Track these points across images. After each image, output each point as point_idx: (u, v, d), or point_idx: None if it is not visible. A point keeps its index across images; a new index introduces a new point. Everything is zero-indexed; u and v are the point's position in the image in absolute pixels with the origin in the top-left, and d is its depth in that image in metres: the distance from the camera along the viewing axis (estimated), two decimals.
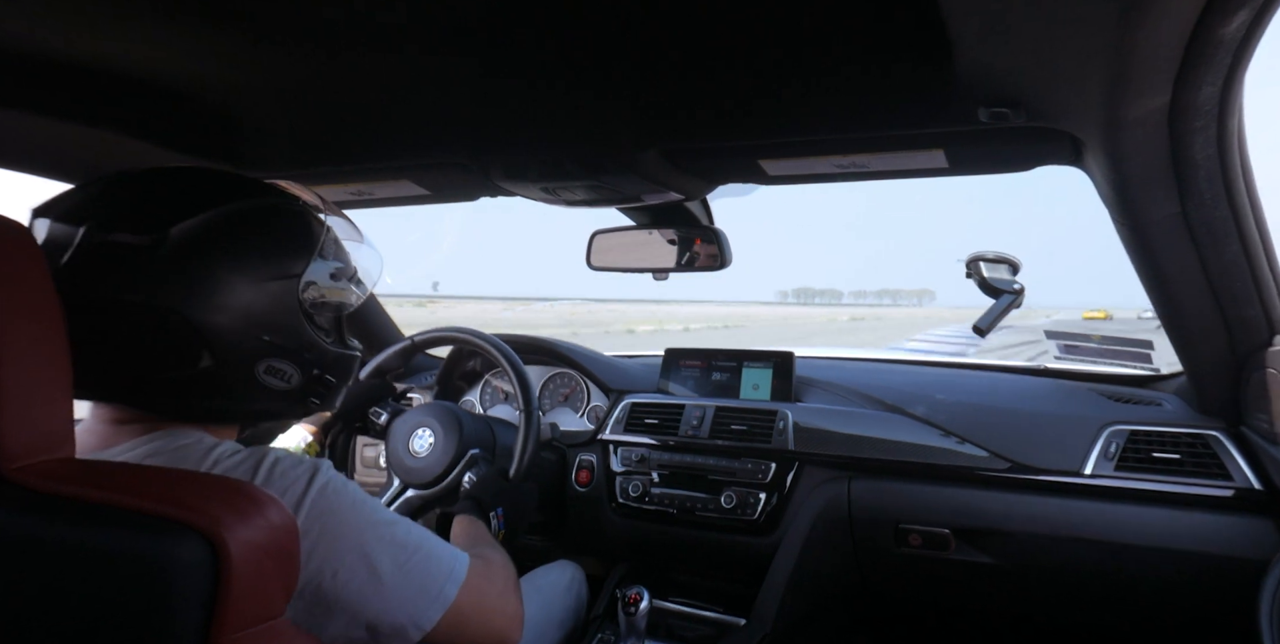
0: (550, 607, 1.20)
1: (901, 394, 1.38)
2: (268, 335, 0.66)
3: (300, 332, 0.69)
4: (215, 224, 0.63)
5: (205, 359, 0.63)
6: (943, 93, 0.76)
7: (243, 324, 0.64)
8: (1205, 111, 0.70)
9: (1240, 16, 0.55)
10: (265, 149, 1.06)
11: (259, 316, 0.65)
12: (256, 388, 0.67)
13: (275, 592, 0.55)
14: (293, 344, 0.68)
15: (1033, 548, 1.19)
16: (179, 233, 0.61)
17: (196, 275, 0.62)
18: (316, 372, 0.71)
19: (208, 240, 0.63)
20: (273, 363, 0.67)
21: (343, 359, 0.75)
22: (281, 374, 0.68)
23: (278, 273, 0.66)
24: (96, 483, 0.53)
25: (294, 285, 0.68)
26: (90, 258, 0.60)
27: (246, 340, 0.65)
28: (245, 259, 0.65)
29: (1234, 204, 0.85)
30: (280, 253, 0.67)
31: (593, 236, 1.40)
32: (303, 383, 0.70)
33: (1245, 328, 1.01)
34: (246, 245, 0.65)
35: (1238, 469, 1.09)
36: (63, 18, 0.66)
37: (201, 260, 0.62)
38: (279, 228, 0.68)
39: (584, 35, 0.68)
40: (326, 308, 0.73)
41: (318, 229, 0.71)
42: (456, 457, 1.21)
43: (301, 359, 0.69)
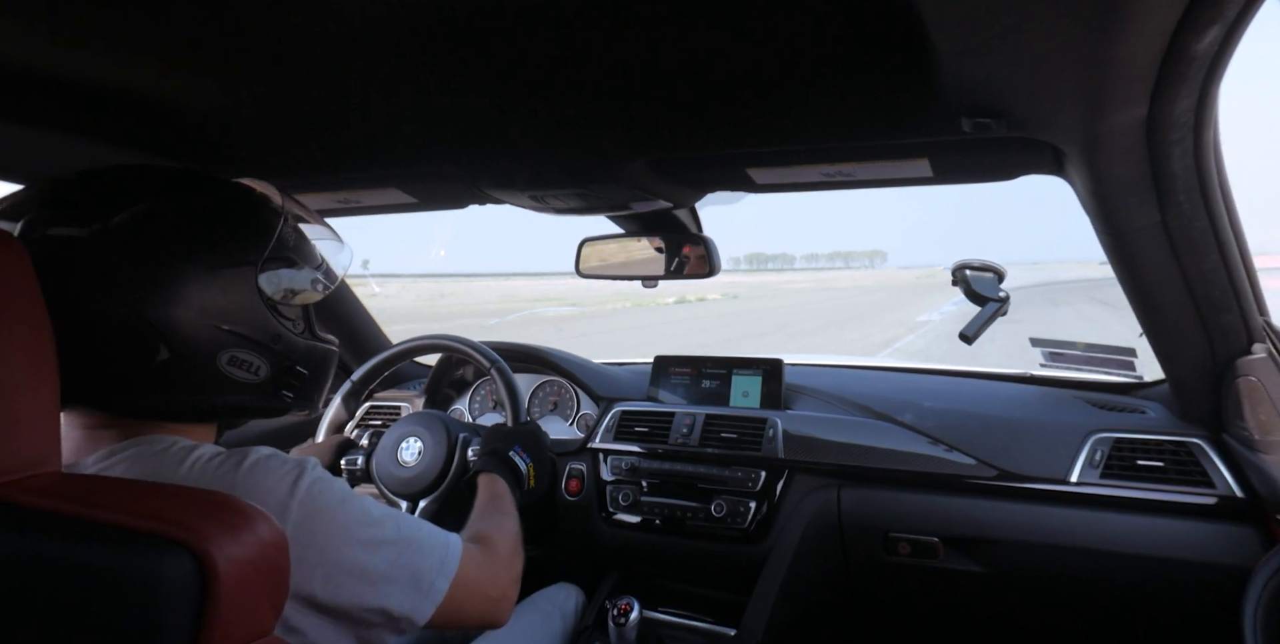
0: (545, 633, 1.18)
1: (890, 402, 1.39)
2: (226, 325, 0.64)
3: (263, 321, 0.67)
4: (158, 212, 0.62)
5: (162, 352, 0.61)
6: (926, 104, 0.77)
7: (196, 314, 0.63)
8: (1181, 125, 0.71)
9: (1212, 33, 0.56)
10: (252, 158, 1.06)
11: (214, 306, 0.64)
12: (222, 380, 0.65)
13: (264, 608, 0.54)
14: (256, 334, 0.67)
15: (1020, 556, 1.19)
16: (120, 223, 0.60)
17: (142, 265, 0.60)
18: (287, 363, 0.70)
19: (151, 229, 0.61)
20: (236, 353, 0.65)
21: (314, 351, 0.73)
22: (247, 365, 0.66)
23: (229, 260, 0.65)
24: (83, 499, 0.52)
25: (249, 273, 0.66)
26: (32, 254, 0.58)
27: (203, 330, 0.63)
28: (192, 247, 0.63)
29: (1212, 214, 0.87)
30: (231, 240, 0.65)
31: (581, 244, 1.40)
32: (272, 375, 0.69)
33: (1224, 335, 1.02)
34: (193, 233, 0.63)
35: (1220, 476, 1.11)
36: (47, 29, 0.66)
37: (146, 250, 0.61)
38: (229, 216, 0.67)
39: (572, 46, 0.68)
40: (290, 297, 0.71)
41: (272, 218, 0.70)
42: (448, 460, 1.20)
43: (268, 350, 0.68)
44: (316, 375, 0.75)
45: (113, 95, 0.81)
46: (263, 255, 0.67)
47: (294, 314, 0.72)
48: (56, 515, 0.50)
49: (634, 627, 1.19)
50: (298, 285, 0.72)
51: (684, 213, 1.32)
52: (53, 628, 0.49)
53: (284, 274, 0.70)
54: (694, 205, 1.29)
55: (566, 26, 0.64)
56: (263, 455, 0.63)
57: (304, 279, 0.73)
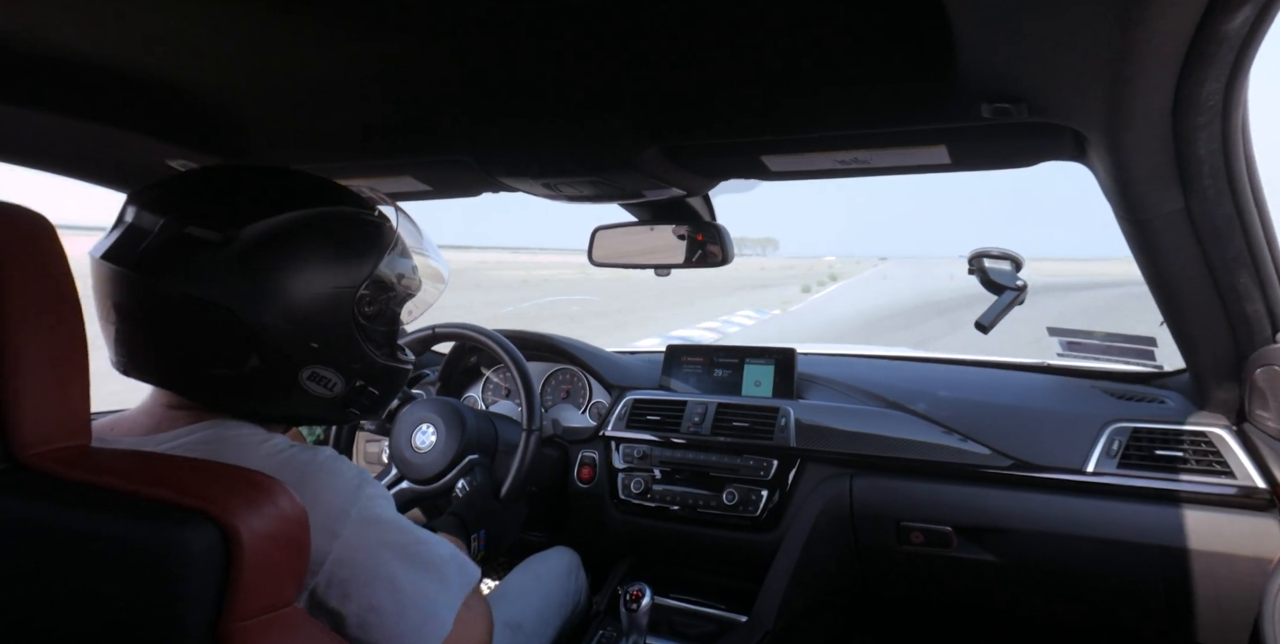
0: (550, 592, 1.20)
1: (903, 391, 1.38)
2: (316, 342, 0.66)
3: (350, 341, 0.69)
4: (285, 228, 0.64)
5: (253, 360, 0.64)
6: (945, 89, 0.76)
7: (295, 329, 0.65)
8: (1209, 107, 0.69)
9: (1244, 12, 0.54)
10: (269, 145, 1.07)
11: (312, 323, 0.65)
12: (298, 393, 0.67)
13: (286, 580, 0.55)
14: (340, 353, 0.68)
15: (1035, 546, 1.19)
16: (249, 233, 0.62)
17: (258, 277, 0.62)
18: (361, 383, 0.71)
19: (275, 244, 0.63)
20: (318, 370, 0.67)
21: (390, 372, 0.75)
22: (325, 381, 0.68)
23: (337, 282, 0.66)
24: (111, 470, 0.54)
25: (350, 295, 0.67)
26: (164, 248, 0.61)
27: (295, 346, 0.65)
28: (308, 265, 0.65)
29: (1238, 200, 0.85)
30: (343, 262, 0.67)
31: (594, 232, 1.40)
32: (345, 392, 0.70)
33: (1248, 325, 1.01)
34: (311, 253, 0.65)
35: (1241, 467, 1.09)
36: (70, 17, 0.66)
37: (266, 263, 0.63)
38: (346, 236, 0.68)
39: (586, 33, 0.68)
40: (380, 320, 0.72)
41: (385, 240, 0.71)
42: (455, 459, 1.22)
43: (348, 369, 0.69)
44: (386, 395, 0.76)
45: (132, 80, 0.81)
46: (365, 280, 0.68)
47: (379, 336, 0.73)
48: (84, 486, 0.52)
49: (646, 612, 1.20)
50: (391, 310, 0.74)
51: (697, 200, 1.31)
52: (80, 596, 0.50)
53: (381, 299, 0.71)
54: (707, 193, 1.28)
55: (581, 13, 0.64)
56: (330, 456, 0.66)
57: (398, 305, 0.75)
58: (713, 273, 15.81)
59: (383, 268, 0.70)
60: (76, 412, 0.56)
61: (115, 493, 0.51)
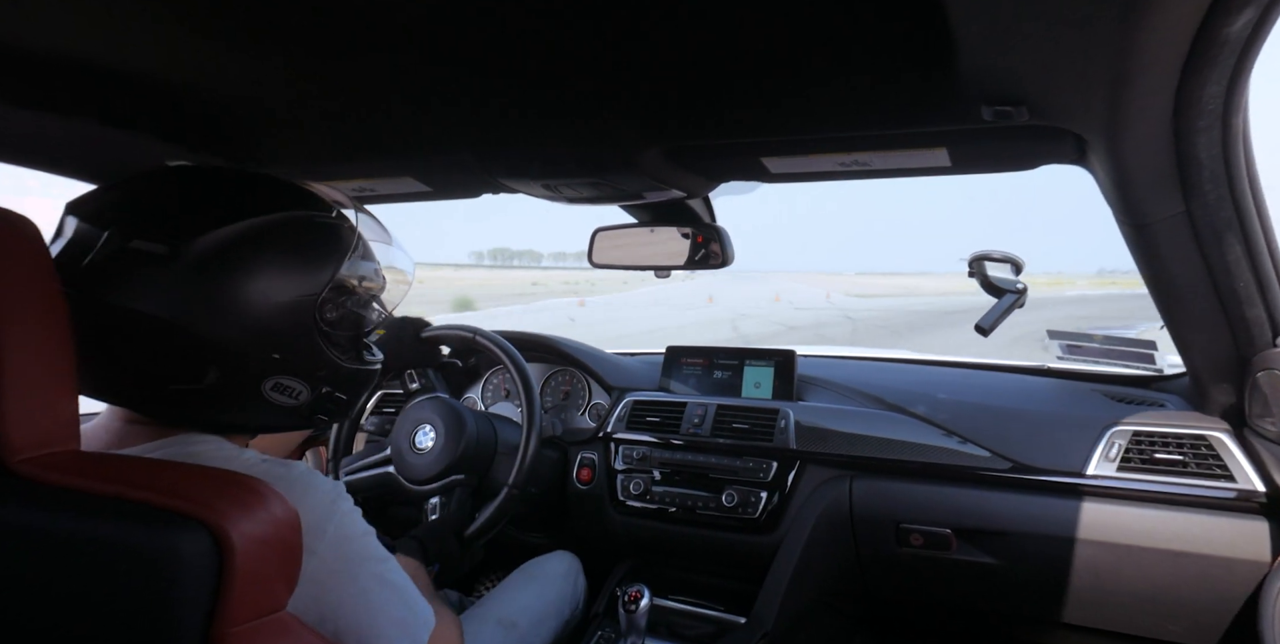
0: (547, 595, 1.20)
1: (903, 393, 1.38)
2: (278, 353, 0.64)
3: (314, 349, 0.66)
4: (237, 238, 0.61)
5: (212, 374, 0.61)
6: (946, 91, 0.76)
7: (254, 341, 0.62)
8: (1210, 111, 0.69)
9: (1246, 15, 0.54)
10: (269, 145, 1.06)
11: (272, 334, 0.63)
12: (262, 404, 0.65)
13: (278, 584, 0.55)
14: (304, 361, 0.66)
15: (1034, 548, 1.19)
16: (200, 245, 0.59)
17: (212, 290, 0.60)
18: (327, 389, 0.69)
19: (228, 255, 0.60)
20: (281, 380, 0.65)
21: (357, 375, 0.73)
22: (290, 391, 0.66)
23: (296, 291, 0.64)
24: (101, 475, 0.53)
25: (311, 303, 0.65)
26: (109, 263, 0.59)
27: (256, 358, 0.63)
28: (264, 276, 0.62)
29: (1238, 204, 0.85)
30: (301, 270, 0.64)
31: (594, 234, 1.40)
32: (311, 400, 0.68)
33: (1249, 329, 1.01)
34: (267, 262, 0.62)
35: (1241, 471, 1.09)
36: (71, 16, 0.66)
37: (219, 275, 0.60)
38: (304, 243, 0.65)
39: (586, 35, 0.68)
40: (344, 325, 0.70)
41: (345, 244, 0.68)
42: (444, 471, 1.22)
43: (312, 376, 0.67)
44: (353, 399, 0.74)
45: (131, 80, 0.81)
46: (325, 286, 0.66)
47: (344, 341, 0.71)
48: (74, 491, 0.52)
49: (644, 614, 1.20)
50: (355, 315, 0.71)
51: (697, 202, 1.31)
52: (71, 602, 0.50)
53: (344, 303, 0.69)
54: (707, 195, 1.28)
55: (581, 14, 0.64)
56: (304, 471, 0.65)
57: (362, 308, 0.72)
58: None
59: (343, 272, 0.67)
60: (64, 417, 0.55)
61: (105, 498, 0.51)
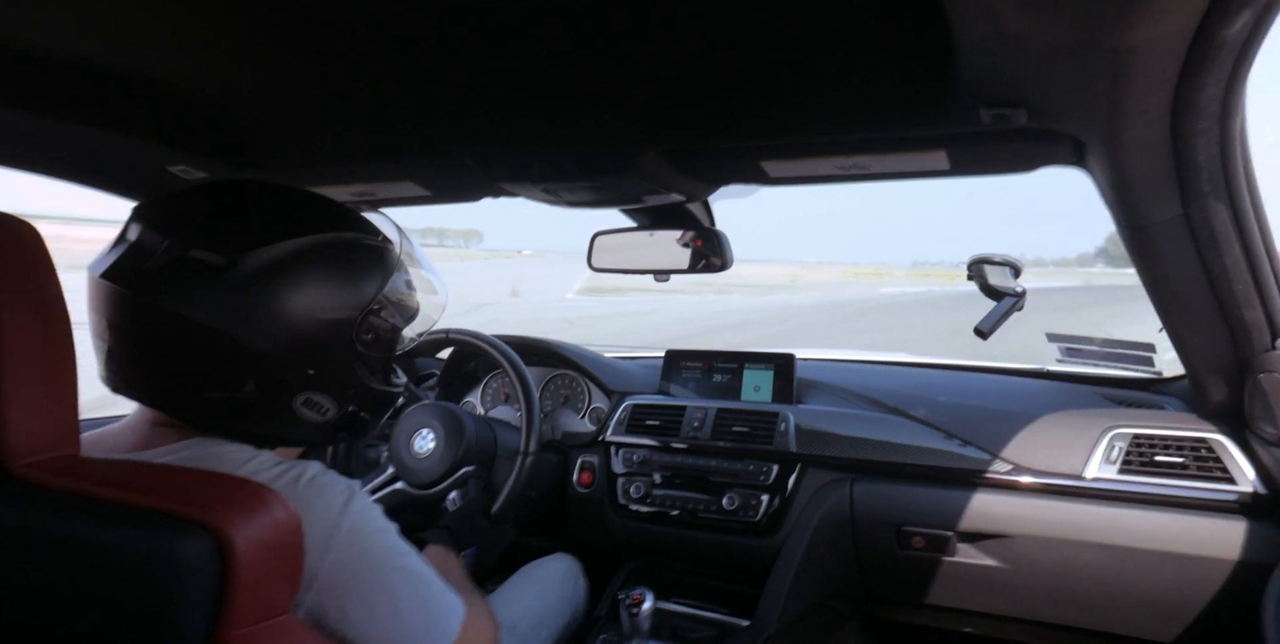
0: (547, 598, 1.20)
1: (903, 396, 1.38)
2: (313, 369, 0.66)
3: (347, 368, 0.69)
4: (291, 254, 0.63)
5: (249, 385, 0.63)
6: (945, 94, 0.76)
7: (293, 356, 0.64)
8: (1207, 114, 0.70)
9: (1243, 18, 0.54)
10: (270, 150, 1.07)
11: (311, 350, 0.65)
12: (291, 418, 0.67)
13: (280, 588, 0.55)
14: (336, 379, 0.68)
15: (1035, 551, 1.19)
16: (255, 258, 0.62)
17: (260, 302, 0.62)
18: (353, 408, 0.71)
19: (279, 269, 0.63)
20: (312, 396, 0.67)
21: (382, 396, 0.74)
22: (319, 407, 0.68)
23: (339, 310, 0.66)
24: (102, 480, 0.53)
25: (352, 323, 0.67)
26: (167, 270, 0.60)
27: (293, 372, 0.65)
28: (310, 293, 0.64)
29: (1236, 207, 0.85)
30: (346, 290, 0.67)
31: (594, 238, 1.40)
32: (337, 417, 0.70)
33: (1247, 331, 1.01)
34: (315, 279, 0.65)
35: (1241, 473, 1.09)
36: (72, 20, 0.66)
37: (269, 288, 0.62)
38: (350, 264, 0.68)
39: (586, 38, 0.68)
40: (378, 347, 0.72)
41: (389, 268, 0.70)
42: (451, 469, 1.22)
43: (342, 394, 0.69)
44: (376, 419, 0.76)
45: (133, 85, 0.81)
46: (366, 307, 0.68)
47: (375, 363, 0.72)
48: (75, 496, 0.51)
49: (647, 617, 1.20)
50: (389, 337, 0.73)
51: (696, 206, 1.31)
52: (73, 607, 0.49)
53: (381, 326, 0.71)
54: (707, 199, 1.28)
55: (581, 17, 0.64)
56: (316, 472, 0.65)
57: (397, 331, 0.74)
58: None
59: (384, 294, 0.70)
60: (65, 421, 0.56)
61: (107, 502, 0.51)
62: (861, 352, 1.85)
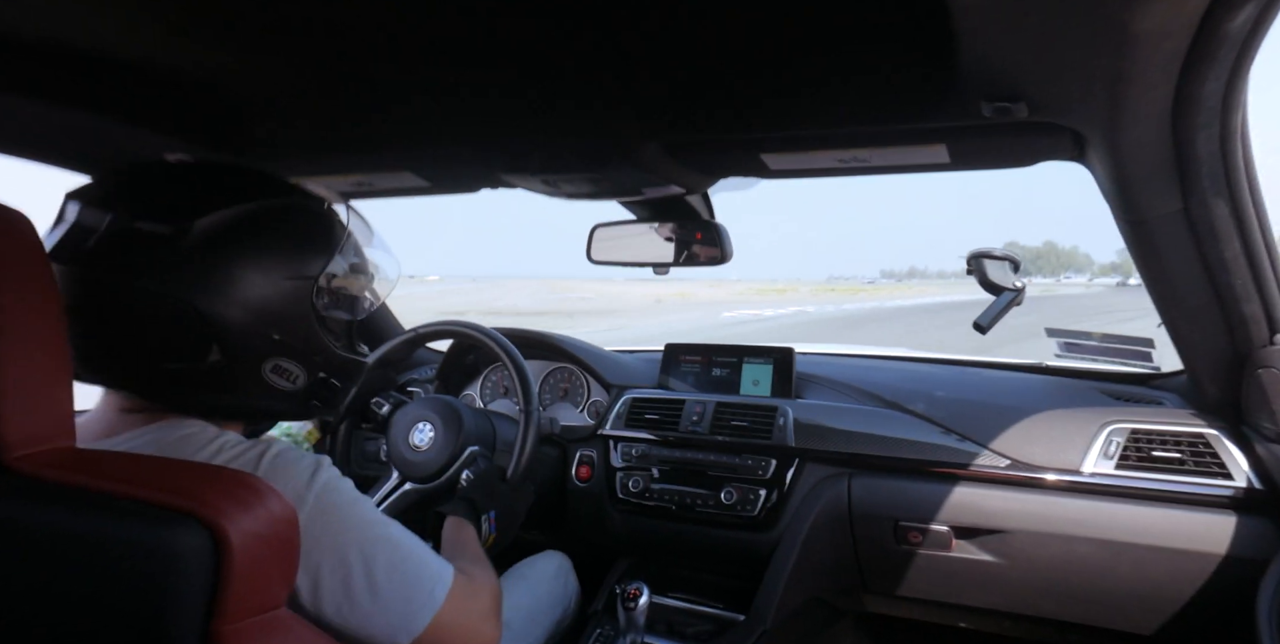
0: (538, 595, 1.20)
1: (901, 391, 1.38)
2: (278, 334, 0.66)
3: (311, 333, 0.69)
4: (239, 219, 0.64)
5: (214, 353, 0.63)
6: (946, 87, 0.76)
7: (255, 321, 0.64)
8: (1209, 108, 0.70)
9: (1246, 10, 0.54)
10: (267, 140, 1.06)
11: (272, 314, 0.65)
12: (262, 386, 0.67)
13: (275, 581, 0.55)
14: (301, 345, 0.68)
15: (1033, 546, 1.19)
16: (203, 225, 0.62)
17: (214, 269, 0.62)
18: (323, 375, 0.71)
19: (230, 235, 0.63)
20: (280, 362, 0.67)
21: (350, 364, 0.75)
22: (288, 374, 0.68)
23: (295, 272, 0.66)
24: (98, 472, 0.53)
25: (309, 286, 0.67)
26: (114, 244, 0.60)
27: (257, 338, 0.65)
28: (265, 256, 0.64)
29: (1236, 201, 0.85)
30: (299, 252, 0.67)
31: (593, 230, 1.40)
32: (308, 384, 0.70)
33: (1246, 326, 1.01)
34: (268, 242, 0.65)
35: (1238, 468, 1.09)
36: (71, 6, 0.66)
37: (221, 254, 0.62)
38: (301, 227, 0.68)
39: (585, 29, 0.68)
40: (339, 311, 0.72)
41: (339, 232, 0.71)
42: (456, 452, 1.21)
43: (309, 361, 0.69)
44: (346, 387, 0.76)
45: (128, 72, 0.81)
46: (323, 270, 0.69)
47: (338, 328, 0.74)
48: (71, 488, 0.51)
49: (643, 611, 1.20)
50: (349, 301, 0.74)
51: (696, 198, 1.31)
52: (68, 599, 0.49)
53: (338, 289, 0.72)
54: (706, 191, 1.28)
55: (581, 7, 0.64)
56: (282, 448, 0.65)
57: (355, 295, 0.75)
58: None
59: (338, 259, 0.70)
60: (61, 413, 0.55)
61: (103, 494, 0.51)
62: (860, 346, 1.85)
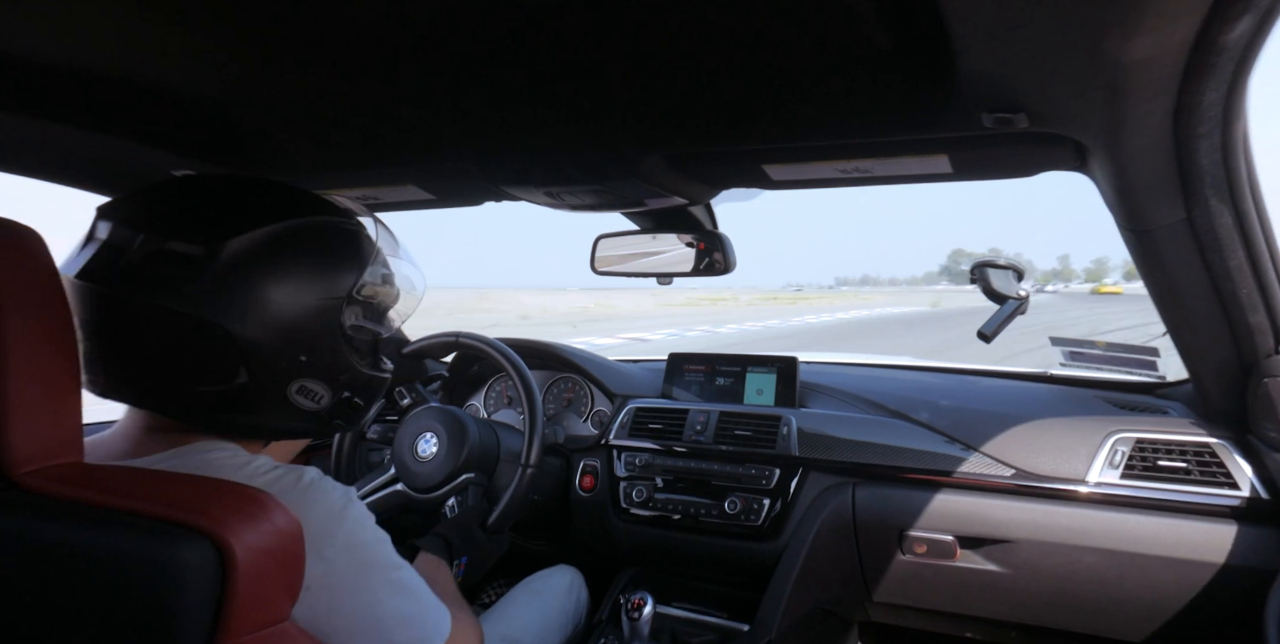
0: (549, 610, 1.19)
1: (905, 400, 1.38)
2: (305, 355, 0.65)
3: (338, 353, 0.68)
4: (270, 240, 0.63)
5: (242, 375, 0.62)
6: (946, 99, 0.76)
7: (284, 343, 0.64)
8: (1209, 117, 0.70)
9: (1244, 23, 0.54)
10: (273, 155, 1.07)
11: (300, 336, 0.65)
12: (286, 407, 0.66)
13: (280, 596, 0.55)
14: (328, 366, 0.68)
15: (1038, 556, 1.18)
16: (235, 246, 0.61)
17: (245, 290, 0.61)
18: (347, 394, 0.70)
19: (260, 256, 0.62)
20: (306, 383, 0.66)
21: (373, 382, 0.74)
22: (313, 395, 0.67)
23: (325, 293, 0.66)
24: (104, 487, 0.53)
25: (338, 305, 0.67)
26: (144, 263, 0.60)
27: (284, 359, 0.64)
28: (295, 277, 0.64)
29: (1239, 210, 0.85)
30: (329, 272, 0.67)
31: (596, 241, 1.40)
32: (331, 405, 0.70)
33: (1251, 335, 1.00)
34: (297, 264, 0.64)
35: (1244, 478, 1.09)
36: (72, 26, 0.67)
37: (251, 275, 0.62)
38: (332, 246, 0.68)
39: (588, 42, 0.68)
40: (365, 331, 0.72)
41: (367, 250, 0.71)
42: (451, 475, 1.22)
43: (335, 381, 0.69)
44: (368, 405, 0.76)
45: (135, 91, 0.82)
46: (352, 289, 0.68)
47: (364, 346, 0.73)
48: (77, 503, 0.51)
49: (647, 621, 1.20)
50: (376, 317, 0.73)
51: (699, 209, 1.32)
52: (74, 614, 0.49)
53: (366, 309, 0.71)
54: (709, 202, 1.29)
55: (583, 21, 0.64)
56: (315, 477, 0.65)
57: (383, 314, 0.75)
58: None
59: (367, 276, 0.70)
60: (68, 429, 0.55)
61: (108, 510, 0.51)
62: (864, 355, 1.85)
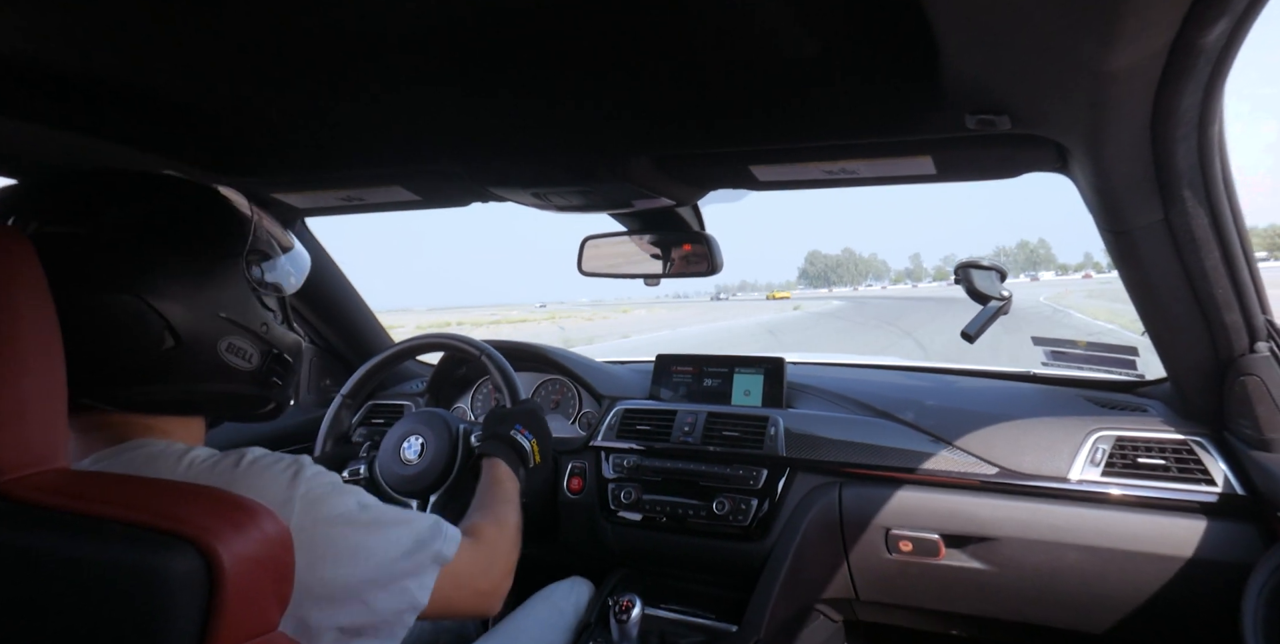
0: (557, 629, 1.18)
1: (891, 400, 1.39)
2: (224, 313, 0.68)
3: (254, 310, 0.71)
4: (150, 211, 0.65)
5: (168, 340, 0.64)
6: (930, 101, 0.77)
7: (198, 303, 0.66)
8: (1188, 120, 0.71)
9: (1220, 26, 0.56)
10: (256, 156, 1.06)
11: (212, 296, 0.67)
12: (221, 368, 0.68)
13: (269, 604, 0.54)
14: (249, 323, 0.71)
15: (1022, 553, 1.20)
16: (114, 222, 0.63)
17: (144, 260, 0.63)
18: (274, 350, 0.74)
19: (148, 226, 0.64)
20: (233, 341, 0.69)
21: (293, 340, 0.78)
22: (242, 352, 0.70)
23: (222, 252, 0.69)
24: (90, 495, 0.52)
25: (237, 264, 0.70)
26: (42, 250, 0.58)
27: (205, 319, 0.66)
28: (187, 241, 0.66)
29: (1215, 211, 0.86)
30: (219, 234, 0.70)
31: (584, 242, 1.40)
32: (261, 362, 0.72)
33: (1227, 334, 1.02)
34: (186, 229, 0.67)
35: (1221, 474, 1.11)
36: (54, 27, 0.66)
37: (145, 245, 0.63)
38: (213, 213, 0.71)
39: (575, 44, 0.68)
40: (270, 288, 0.75)
41: (251, 217, 0.74)
42: (452, 444, 1.18)
43: (259, 338, 0.72)
44: (297, 365, 0.79)
45: (119, 93, 0.81)
46: (246, 248, 0.71)
47: (274, 305, 0.76)
48: (63, 512, 0.50)
49: (636, 623, 1.19)
50: (277, 277, 0.77)
51: (686, 210, 1.32)
52: (60, 625, 0.48)
53: (265, 267, 0.74)
54: (696, 203, 1.29)
55: (570, 24, 0.64)
56: (257, 455, 0.65)
57: (281, 272, 0.78)
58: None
59: (257, 240, 0.73)
60: (54, 435, 0.54)
61: (95, 518, 0.50)
62: (850, 356, 1.86)
